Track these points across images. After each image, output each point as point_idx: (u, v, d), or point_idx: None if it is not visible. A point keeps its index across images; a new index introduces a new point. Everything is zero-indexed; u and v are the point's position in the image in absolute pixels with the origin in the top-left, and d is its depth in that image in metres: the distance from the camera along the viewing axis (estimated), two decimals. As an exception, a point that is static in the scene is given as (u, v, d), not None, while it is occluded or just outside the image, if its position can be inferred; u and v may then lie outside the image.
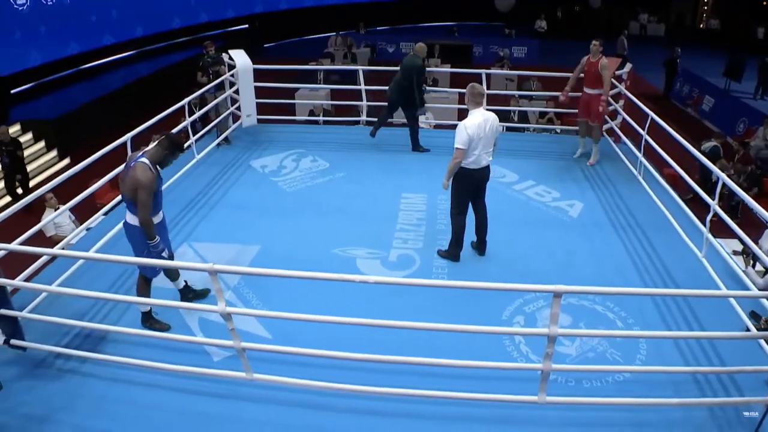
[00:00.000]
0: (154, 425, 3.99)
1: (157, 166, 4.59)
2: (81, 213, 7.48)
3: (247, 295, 5.26)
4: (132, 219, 4.57)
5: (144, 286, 4.81)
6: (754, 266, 5.58)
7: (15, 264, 4.91)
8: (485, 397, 3.87)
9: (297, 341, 4.18)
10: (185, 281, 5.15)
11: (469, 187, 5.66)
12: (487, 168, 5.64)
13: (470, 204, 5.80)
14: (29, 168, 11.56)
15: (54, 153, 12.26)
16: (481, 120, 5.39)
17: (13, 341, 4.50)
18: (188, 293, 5.15)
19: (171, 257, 4.91)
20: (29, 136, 12.14)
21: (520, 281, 5.07)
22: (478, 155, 5.45)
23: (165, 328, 4.81)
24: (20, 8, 13.32)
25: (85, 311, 4.99)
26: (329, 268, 5.40)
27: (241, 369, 4.12)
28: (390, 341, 4.23)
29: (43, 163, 12.03)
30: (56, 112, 12.82)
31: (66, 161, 12.33)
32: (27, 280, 4.98)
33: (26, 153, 11.76)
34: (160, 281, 4.99)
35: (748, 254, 5.79)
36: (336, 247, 5.99)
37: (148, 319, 4.84)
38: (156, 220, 4.67)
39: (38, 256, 5.25)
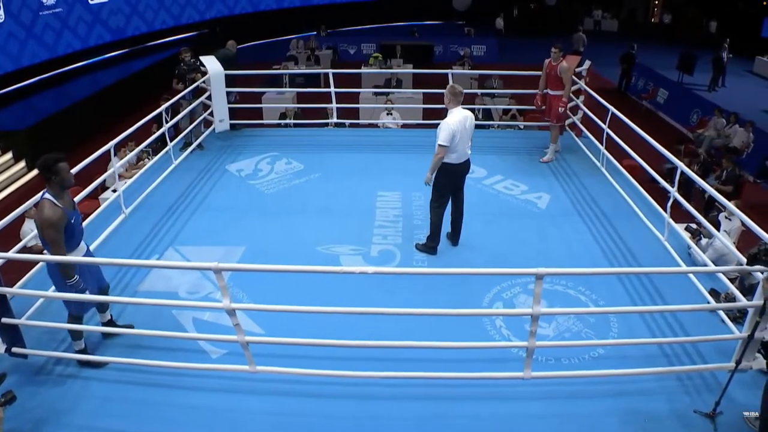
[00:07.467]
0: (162, 420, 4.10)
1: (68, 196, 4.35)
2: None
3: (238, 294, 5.39)
4: (49, 257, 4.29)
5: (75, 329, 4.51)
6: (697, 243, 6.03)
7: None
8: (475, 376, 4.15)
9: (290, 336, 4.32)
10: (110, 315, 4.98)
11: (451, 182, 5.95)
12: (468, 162, 5.95)
13: (450, 197, 6.08)
14: (-3, 180, 11.45)
15: (22, 164, 12.05)
16: (461, 117, 5.71)
17: (14, 349, 4.51)
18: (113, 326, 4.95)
19: (104, 289, 4.78)
20: (-4, 147, 11.97)
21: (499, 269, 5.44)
22: (461, 151, 5.77)
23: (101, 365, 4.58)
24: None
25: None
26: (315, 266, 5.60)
27: (239, 365, 4.30)
28: (379, 332, 4.42)
29: (11, 175, 11.79)
30: (23, 122, 12.61)
31: (34, 172, 12.19)
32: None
33: (-7, 165, 11.68)
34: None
35: (694, 235, 6.24)
36: (319, 245, 6.19)
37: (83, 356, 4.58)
38: (77, 253, 4.48)
39: (25, 267, 5.36)
